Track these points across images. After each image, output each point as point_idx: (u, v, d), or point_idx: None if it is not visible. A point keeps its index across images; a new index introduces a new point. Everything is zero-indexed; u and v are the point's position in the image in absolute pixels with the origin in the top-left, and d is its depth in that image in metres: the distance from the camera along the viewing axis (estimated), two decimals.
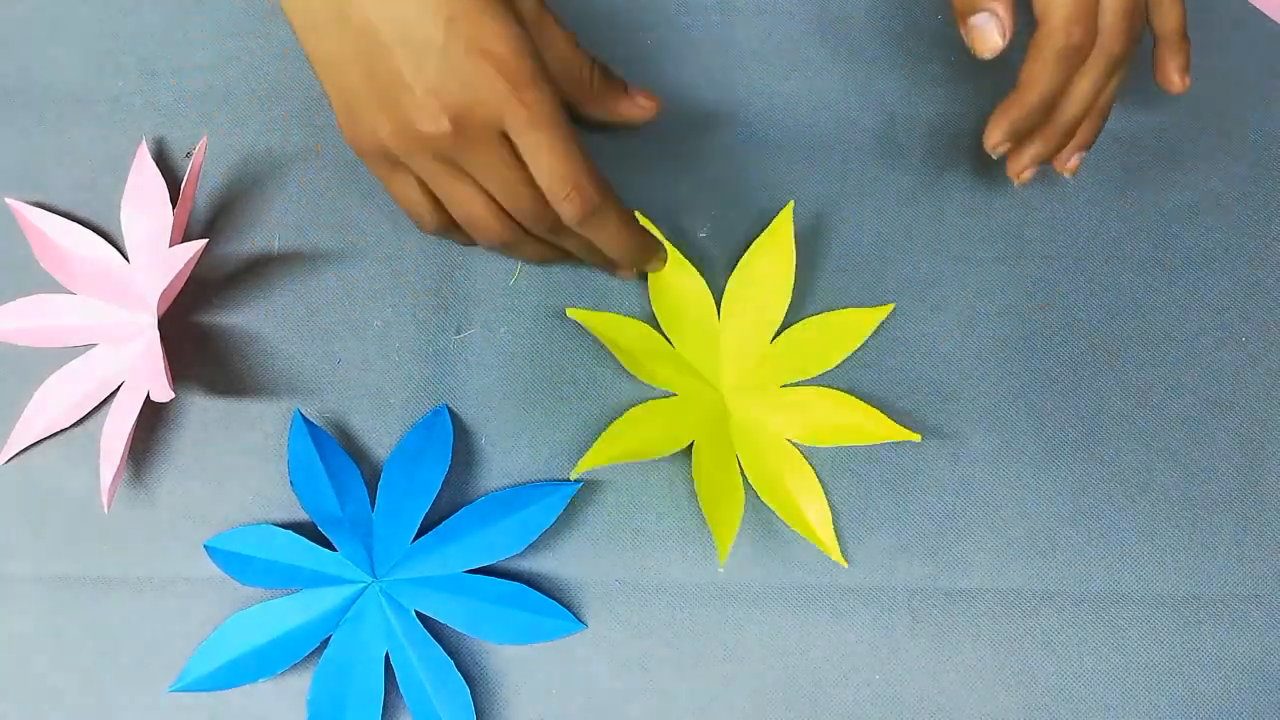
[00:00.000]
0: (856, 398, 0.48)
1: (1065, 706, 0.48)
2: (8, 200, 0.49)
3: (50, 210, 0.49)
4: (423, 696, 0.45)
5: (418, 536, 0.46)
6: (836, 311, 0.49)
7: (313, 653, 0.46)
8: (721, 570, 0.48)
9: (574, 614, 0.48)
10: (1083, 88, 0.42)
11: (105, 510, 0.46)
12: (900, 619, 0.48)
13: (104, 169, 0.50)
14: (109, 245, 0.49)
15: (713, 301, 0.49)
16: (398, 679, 0.46)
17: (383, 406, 0.49)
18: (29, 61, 0.51)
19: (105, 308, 0.48)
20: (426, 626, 0.46)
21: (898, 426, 0.47)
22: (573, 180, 0.39)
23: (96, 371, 0.48)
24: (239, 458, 0.49)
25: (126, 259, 0.49)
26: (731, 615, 0.48)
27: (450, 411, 0.48)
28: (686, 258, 0.49)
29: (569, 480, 0.48)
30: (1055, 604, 0.48)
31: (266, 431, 0.49)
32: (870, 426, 0.48)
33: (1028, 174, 0.45)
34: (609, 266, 0.47)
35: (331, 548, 0.46)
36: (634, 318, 0.49)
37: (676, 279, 0.49)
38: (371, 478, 0.48)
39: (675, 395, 0.49)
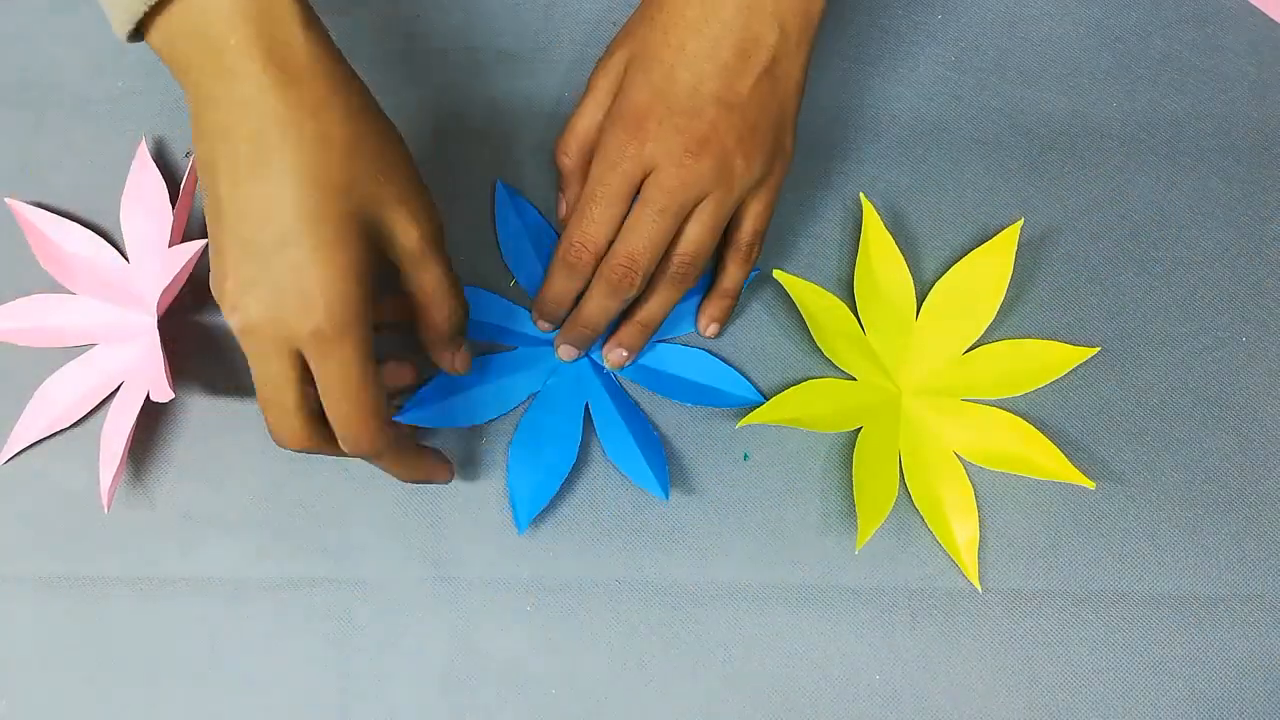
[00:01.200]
0: (1036, 429, 0.48)
1: (1065, 706, 0.48)
2: (7, 200, 0.49)
3: (50, 210, 0.49)
4: (621, 436, 0.47)
5: None
6: (1039, 341, 0.49)
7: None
8: (855, 558, 0.48)
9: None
10: (592, 300, 0.45)
11: (105, 510, 0.46)
12: (900, 619, 0.48)
13: (104, 169, 0.50)
14: (108, 245, 0.49)
15: (914, 300, 0.49)
16: (596, 425, 0.48)
17: None
18: (29, 61, 0.51)
19: (105, 308, 0.48)
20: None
21: (1074, 468, 0.47)
22: (360, 435, 0.38)
23: (96, 371, 0.48)
24: (239, 458, 0.49)
25: (126, 259, 0.49)
26: (731, 615, 0.48)
27: None
28: (900, 249, 0.49)
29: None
30: (1055, 604, 0.48)
31: (266, 432, 0.49)
32: (1046, 462, 0.47)
33: (568, 352, 0.48)
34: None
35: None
36: (834, 294, 0.49)
37: (885, 269, 0.49)
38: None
39: (854, 380, 0.49)
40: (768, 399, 0.48)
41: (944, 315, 0.48)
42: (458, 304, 0.42)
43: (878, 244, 0.49)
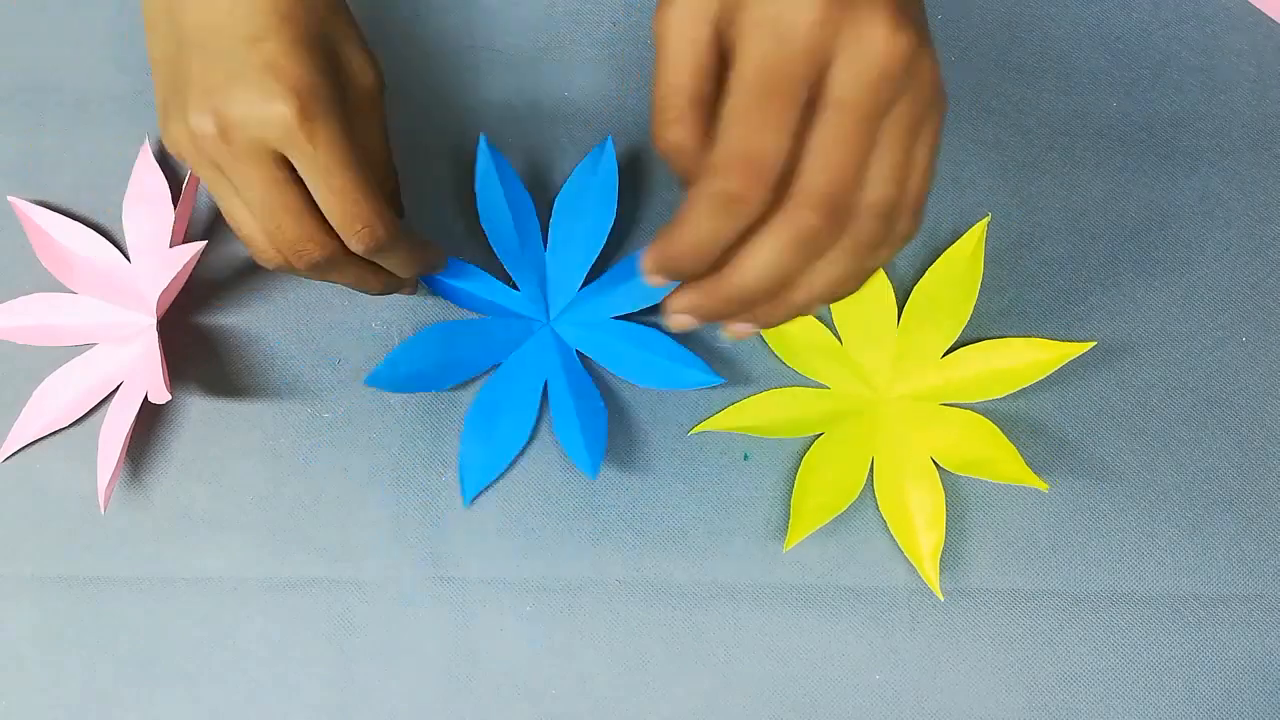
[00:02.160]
0: (999, 429, 0.48)
1: (1065, 706, 0.48)
2: (10, 198, 0.49)
3: (52, 209, 0.49)
4: (567, 413, 0.47)
5: (585, 283, 0.48)
6: (1023, 339, 0.48)
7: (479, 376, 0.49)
8: (785, 552, 0.48)
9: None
10: (761, 257, 0.30)
11: (102, 510, 0.47)
12: (900, 619, 0.48)
13: (106, 169, 0.50)
14: (110, 245, 0.49)
15: (895, 307, 0.49)
16: (550, 401, 0.48)
17: (383, 406, 0.49)
18: (31, 61, 0.51)
19: (105, 307, 0.48)
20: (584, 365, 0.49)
21: (1029, 471, 0.46)
22: (362, 216, 0.38)
23: (96, 371, 0.48)
24: (239, 458, 0.49)
25: (128, 259, 0.49)
26: (731, 615, 0.48)
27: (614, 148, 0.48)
28: None
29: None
30: (1055, 604, 0.48)
31: (266, 431, 0.49)
32: (1003, 465, 0.47)
33: (682, 320, 0.33)
34: (392, 288, 0.45)
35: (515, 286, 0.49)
36: None
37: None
38: (545, 216, 0.49)
39: (826, 388, 0.49)
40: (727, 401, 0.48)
41: (923, 319, 0.48)
42: (389, 161, 0.44)
43: None
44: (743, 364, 0.49)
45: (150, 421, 0.49)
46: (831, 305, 0.49)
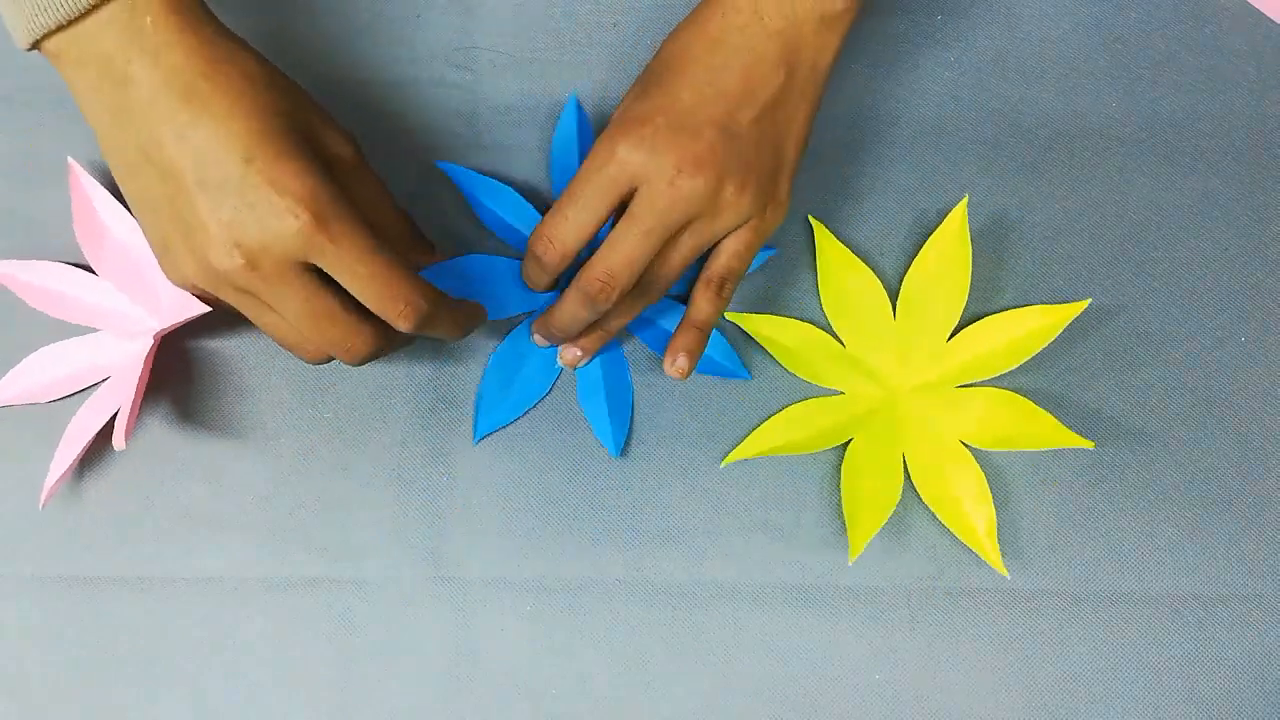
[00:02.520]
0: (1024, 388, 0.48)
1: (1065, 706, 0.48)
2: (70, 159, 0.48)
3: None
4: (594, 384, 0.48)
5: None
6: (1020, 309, 0.48)
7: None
8: (850, 564, 0.48)
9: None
10: (565, 305, 0.44)
11: (40, 506, 0.47)
12: (900, 619, 0.48)
13: (106, 169, 0.50)
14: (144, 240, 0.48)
15: (888, 300, 0.49)
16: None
17: (383, 406, 0.49)
18: (30, 61, 0.51)
19: (119, 296, 0.48)
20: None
21: (1069, 432, 0.47)
22: (403, 295, 0.38)
23: (88, 357, 0.48)
24: (239, 458, 0.49)
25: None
26: (731, 615, 0.48)
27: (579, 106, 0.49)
28: (858, 256, 0.49)
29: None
30: (1055, 604, 0.48)
31: (266, 432, 0.49)
32: (1045, 432, 0.47)
33: (540, 341, 0.48)
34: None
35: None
36: (795, 318, 0.49)
37: (850, 279, 0.49)
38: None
39: (841, 394, 0.49)
40: (752, 427, 0.49)
41: (919, 308, 0.49)
42: (397, 209, 0.45)
43: (835, 257, 0.49)
44: (755, 381, 0.49)
45: (150, 422, 0.49)
46: (826, 310, 0.49)
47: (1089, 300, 0.48)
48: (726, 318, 0.49)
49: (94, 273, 0.49)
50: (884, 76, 0.51)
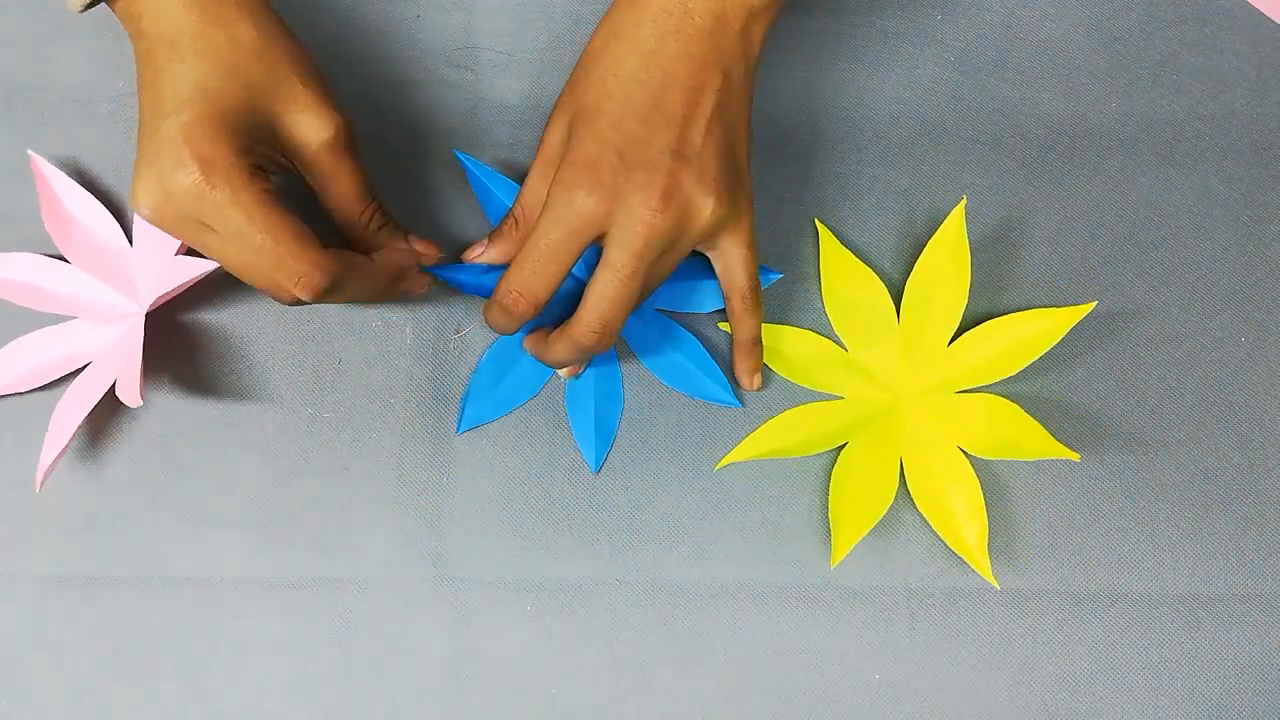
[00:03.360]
0: (1020, 408, 0.48)
1: (1064, 706, 0.48)
2: (31, 153, 0.49)
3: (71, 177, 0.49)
4: (584, 390, 0.49)
5: None
6: (1022, 313, 0.48)
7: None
8: (832, 568, 0.48)
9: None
10: (557, 349, 0.44)
11: (36, 489, 0.46)
12: (900, 619, 0.48)
13: (105, 169, 0.50)
14: (115, 223, 0.48)
15: (893, 304, 0.49)
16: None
17: (383, 406, 0.49)
18: (30, 61, 0.51)
19: (93, 283, 0.48)
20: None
21: (1058, 444, 0.47)
22: (297, 270, 0.39)
23: (67, 345, 0.48)
24: (239, 458, 0.49)
25: (131, 242, 0.48)
26: (731, 615, 0.48)
27: None
28: (864, 260, 0.49)
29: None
30: (1055, 604, 0.48)
31: (266, 431, 0.49)
32: (1032, 442, 0.47)
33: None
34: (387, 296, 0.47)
35: None
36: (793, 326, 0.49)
37: (855, 283, 0.49)
38: None
39: (841, 398, 0.49)
40: (752, 429, 0.49)
41: (922, 312, 0.48)
42: (377, 203, 0.45)
43: (839, 261, 0.49)
44: (752, 398, 0.49)
45: (150, 421, 0.49)
46: (830, 314, 0.49)
47: (1094, 303, 0.48)
48: (721, 328, 0.49)
49: (66, 261, 0.49)
50: (884, 76, 0.51)
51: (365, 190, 0.44)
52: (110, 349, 0.47)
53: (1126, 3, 0.51)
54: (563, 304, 0.46)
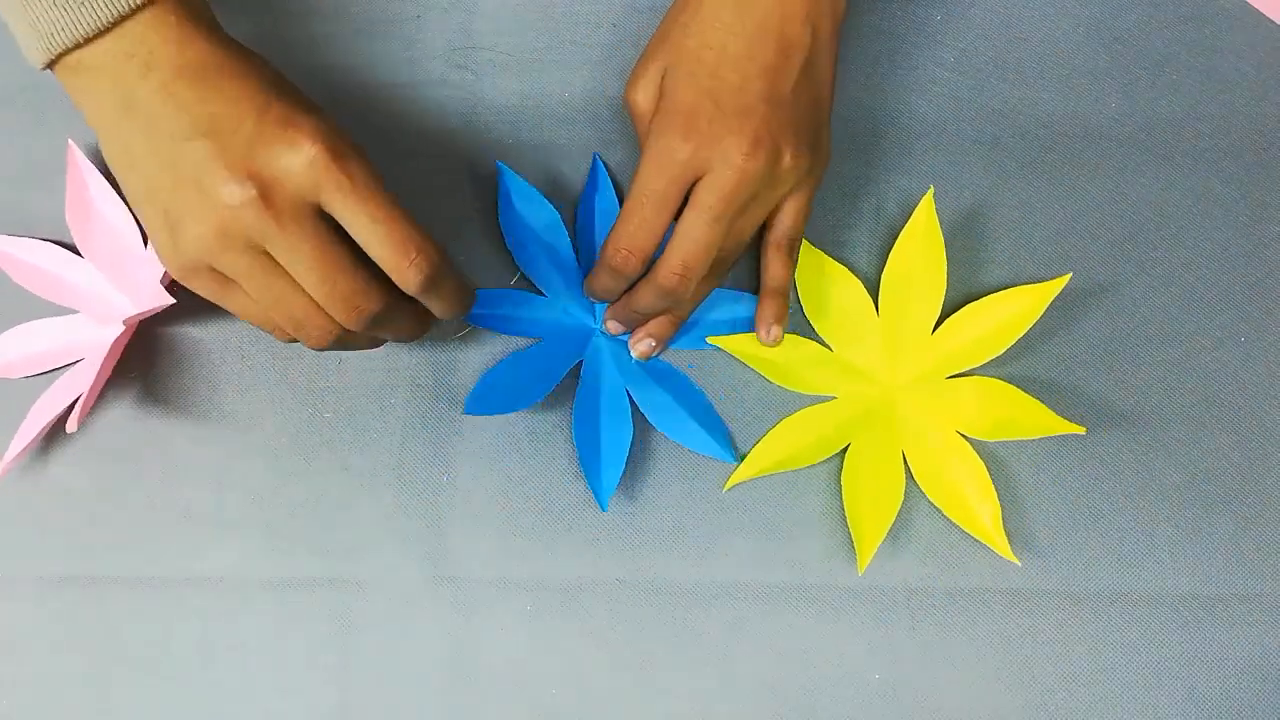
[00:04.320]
0: (1023, 388, 0.48)
1: (1064, 706, 0.48)
2: (70, 141, 0.48)
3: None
4: (678, 420, 0.48)
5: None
6: (1001, 292, 0.48)
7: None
8: (860, 575, 0.48)
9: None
10: (642, 296, 0.45)
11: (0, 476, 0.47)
12: (900, 619, 0.48)
13: (106, 169, 0.50)
14: (137, 227, 0.48)
15: (870, 299, 0.49)
16: (643, 410, 0.48)
17: (383, 406, 0.49)
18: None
19: (101, 280, 0.48)
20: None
21: (1060, 419, 0.47)
22: (415, 243, 0.38)
23: (64, 337, 0.48)
24: (239, 458, 0.49)
25: (146, 244, 0.48)
26: (731, 615, 0.48)
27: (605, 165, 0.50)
28: (834, 258, 0.49)
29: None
30: (1055, 604, 0.48)
31: (266, 431, 0.49)
32: (1035, 418, 0.47)
33: (614, 327, 0.48)
34: (437, 332, 0.46)
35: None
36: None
37: (830, 282, 0.49)
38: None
39: (834, 398, 0.49)
40: (750, 430, 0.49)
41: (900, 303, 0.49)
42: (408, 230, 0.39)
43: (811, 262, 0.49)
44: (751, 391, 0.49)
45: (151, 421, 0.49)
46: (808, 315, 0.49)
47: (1069, 275, 0.48)
48: (710, 341, 0.49)
49: (80, 255, 0.49)
50: (884, 76, 0.51)
51: (393, 215, 0.42)
52: (98, 351, 0.47)
53: (1126, 3, 0.51)
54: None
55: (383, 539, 0.49)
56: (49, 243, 0.49)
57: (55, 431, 0.49)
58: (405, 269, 0.38)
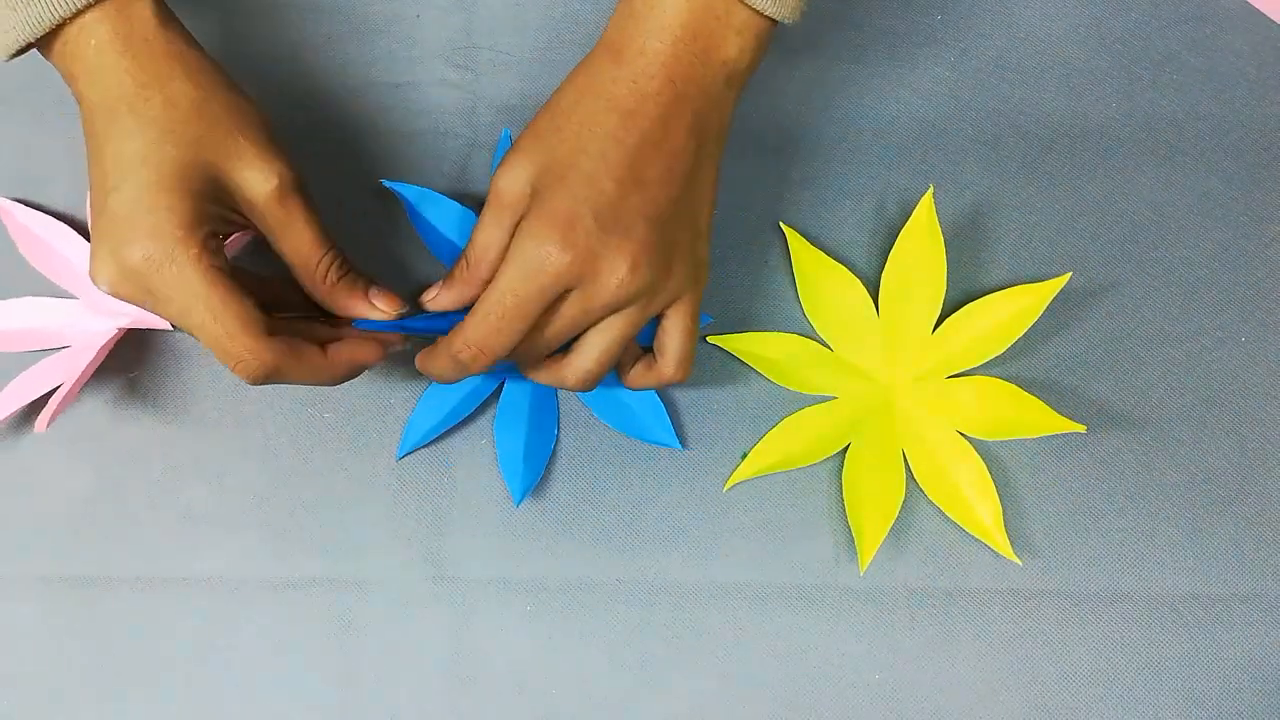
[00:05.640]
0: (1023, 388, 0.48)
1: (1064, 706, 0.48)
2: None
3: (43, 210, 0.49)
4: (623, 411, 0.48)
5: None
6: (1001, 292, 0.48)
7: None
8: (861, 575, 0.48)
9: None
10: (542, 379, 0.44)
11: None
12: (900, 619, 0.48)
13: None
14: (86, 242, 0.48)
15: (870, 299, 0.49)
16: (586, 401, 0.48)
17: (383, 406, 0.49)
18: (29, 61, 0.51)
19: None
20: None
21: (1061, 418, 0.47)
22: (233, 354, 0.38)
23: (56, 321, 0.48)
24: (239, 458, 0.49)
25: None
26: (731, 615, 0.48)
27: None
28: (834, 258, 0.49)
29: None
30: (1055, 604, 0.48)
31: (266, 431, 0.49)
32: (1035, 417, 0.47)
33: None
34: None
35: None
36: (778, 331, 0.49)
37: (828, 280, 0.49)
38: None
39: (834, 398, 0.49)
40: (749, 430, 0.49)
41: (900, 302, 0.48)
42: (334, 253, 0.42)
43: (811, 261, 0.49)
44: (750, 392, 0.49)
45: (150, 420, 0.49)
46: (810, 314, 0.49)
47: (1069, 275, 0.48)
48: (708, 340, 0.49)
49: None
50: (884, 76, 0.51)
51: (319, 240, 0.41)
52: (85, 345, 0.47)
53: (1126, 3, 0.51)
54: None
55: (383, 539, 0.49)
56: (61, 222, 0.49)
57: (56, 431, 0.49)
58: (232, 369, 0.39)
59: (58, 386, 0.46)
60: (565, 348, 0.43)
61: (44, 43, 0.39)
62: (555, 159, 0.40)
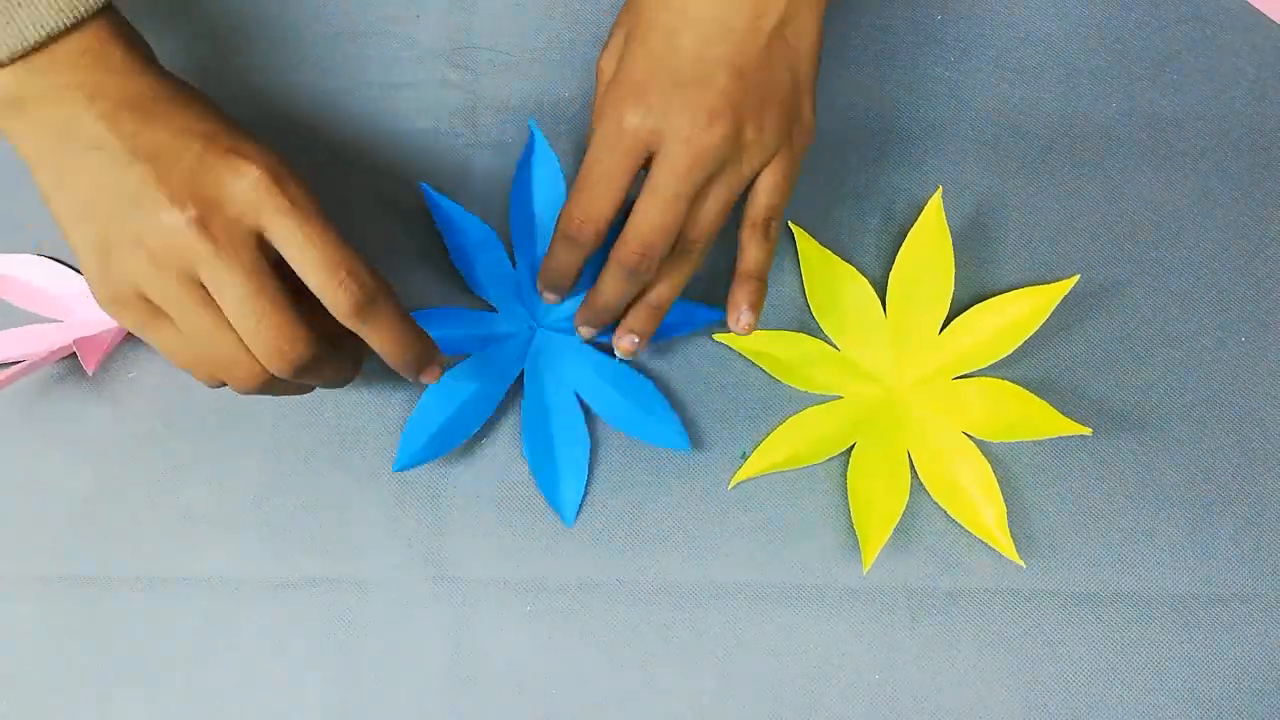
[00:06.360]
0: (1024, 388, 0.48)
1: (1065, 706, 0.48)
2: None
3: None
4: (632, 415, 0.48)
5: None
6: (1009, 293, 0.48)
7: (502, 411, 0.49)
8: (865, 574, 0.48)
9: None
10: (606, 282, 0.43)
11: None
12: (900, 619, 0.48)
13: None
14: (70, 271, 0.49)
15: (877, 299, 0.49)
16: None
17: (383, 407, 0.49)
18: None
19: (84, 300, 0.49)
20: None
21: (1067, 420, 0.47)
22: (345, 265, 0.37)
23: (61, 289, 0.48)
24: (239, 458, 0.49)
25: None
26: (731, 615, 0.48)
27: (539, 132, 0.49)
28: (842, 257, 0.49)
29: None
30: (1055, 604, 0.48)
31: (266, 431, 0.49)
32: (1041, 419, 0.47)
33: (586, 333, 0.46)
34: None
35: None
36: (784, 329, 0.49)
37: (837, 281, 0.49)
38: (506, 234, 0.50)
39: (840, 398, 0.49)
40: (751, 430, 0.49)
41: (908, 303, 0.48)
42: (342, 253, 0.37)
43: (818, 261, 0.49)
44: (755, 390, 0.49)
45: (151, 420, 0.49)
46: (817, 314, 0.49)
47: (1077, 277, 0.48)
48: (715, 339, 0.49)
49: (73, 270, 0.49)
50: (884, 76, 0.51)
51: (326, 235, 0.40)
52: (79, 325, 0.47)
53: (1126, 3, 0.51)
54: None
55: (383, 539, 0.49)
56: (37, 256, 0.49)
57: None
58: (334, 290, 0.37)
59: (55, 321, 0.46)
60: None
61: (36, 57, 0.37)
62: (640, 20, 0.40)
